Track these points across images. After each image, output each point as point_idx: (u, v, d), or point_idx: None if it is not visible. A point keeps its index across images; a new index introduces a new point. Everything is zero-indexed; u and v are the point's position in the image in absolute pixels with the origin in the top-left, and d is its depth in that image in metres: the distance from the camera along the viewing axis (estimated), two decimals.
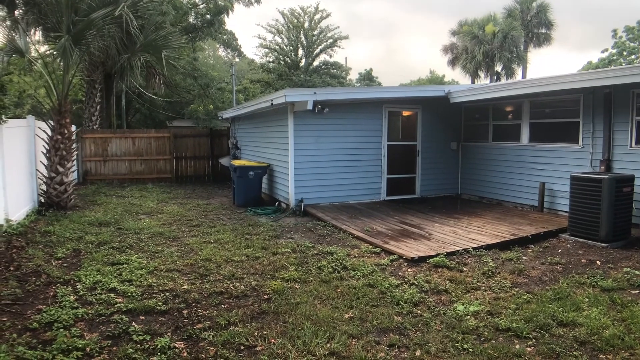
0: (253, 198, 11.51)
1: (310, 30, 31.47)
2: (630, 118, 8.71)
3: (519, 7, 37.56)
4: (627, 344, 4.20)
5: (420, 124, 12.14)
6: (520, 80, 25.60)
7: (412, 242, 7.61)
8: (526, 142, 10.80)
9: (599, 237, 7.69)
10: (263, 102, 11.38)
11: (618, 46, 36.94)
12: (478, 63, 35.19)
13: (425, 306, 5.13)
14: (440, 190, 12.52)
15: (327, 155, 10.91)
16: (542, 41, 37.96)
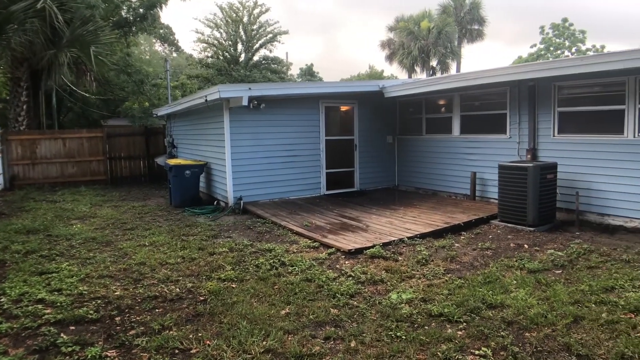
0: (190, 198, 11.27)
1: (249, 24, 31.10)
2: (553, 109, 9.20)
3: (453, 4, 38.75)
4: (550, 321, 4.44)
5: (357, 119, 12.31)
6: (450, 74, 26.42)
7: (350, 234, 7.70)
8: (457, 134, 11.20)
9: (526, 222, 8.09)
10: (197, 99, 11.13)
11: (545, 42, 38.95)
12: (414, 58, 36.03)
13: (361, 297, 5.20)
14: (379, 183, 12.77)
15: (265, 151, 10.84)
16: (475, 37, 39.38)
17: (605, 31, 67.27)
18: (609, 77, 8.25)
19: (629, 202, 8.15)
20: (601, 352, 3.87)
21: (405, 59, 36.71)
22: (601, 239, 7.50)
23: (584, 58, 8.32)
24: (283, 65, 33.10)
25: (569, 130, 9.05)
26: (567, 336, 4.14)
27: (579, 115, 9.03)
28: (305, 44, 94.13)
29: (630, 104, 8.11)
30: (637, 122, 8.05)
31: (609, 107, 8.46)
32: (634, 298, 4.90)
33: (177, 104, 14.03)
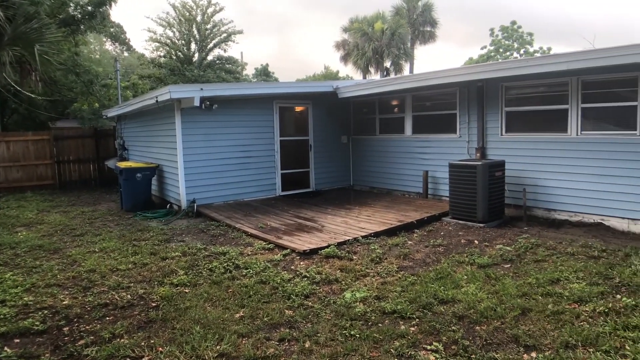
0: (142, 201, 10.98)
1: (203, 24, 30.57)
2: (500, 109, 9.49)
3: (406, 6, 39.37)
4: (499, 314, 4.57)
5: (311, 119, 12.33)
6: (402, 76, 26.87)
7: (305, 235, 7.70)
8: (410, 134, 11.40)
9: (476, 219, 8.31)
10: (148, 99, 10.86)
11: (495, 44, 40.20)
12: (368, 59, 36.41)
13: (316, 297, 5.21)
14: (334, 183, 12.83)
15: (218, 152, 10.69)
16: (428, 38, 40.15)
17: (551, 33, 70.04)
18: (553, 77, 8.59)
19: (573, 197, 8.50)
20: (547, 342, 4.01)
21: (359, 60, 37.04)
22: (548, 233, 7.79)
23: (529, 59, 8.62)
24: (238, 65, 32.76)
25: (516, 129, 9.37)
26: (515, 328, 4.28)
27: (525, 115, 9.35)
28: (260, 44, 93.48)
29: (573, 104, 8.46)
30: (580, 120, 8.42)
31: (554, 106, 8.80)
32: (577, 289, 5.11)
33: (128, 105, 13.66)
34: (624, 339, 4.01)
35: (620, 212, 7.98)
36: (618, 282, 5.34)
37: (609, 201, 8.07)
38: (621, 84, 7.98)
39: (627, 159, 7.85)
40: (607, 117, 8.30)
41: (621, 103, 8.01)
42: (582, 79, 8.33)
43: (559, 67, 7.85)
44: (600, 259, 6.21)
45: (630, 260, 6.09)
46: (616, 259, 6.20)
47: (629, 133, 7.87)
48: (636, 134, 7.78)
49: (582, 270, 5.73)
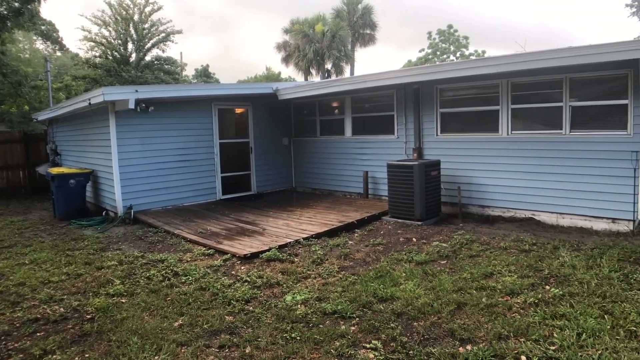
0: (76, 209, 10.51)
1: (140, 23, 29.57)
2: (436, 110, 9.79)
3: (346, 9, 39.81)
4: (436, 309, 4.70)
5: (252, 121, 12.24)
6: (340, 78, 27.27)
7: (246, 239, 7.63)
8: (350, 135, 11.55)
9: (414, 217, 8.53)
10: (80, 102, 10.41)
11: (432, 47, 41.34)
12: (309, 61, 36.57)
13: (257, 302, 5.17)
14: (276, 185, 12.79)
15: (156, 156, 10.40)
16: (368, 41, 40.77)
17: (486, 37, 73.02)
18: (485, 80, 8.95)
19: (506, 194, 8.88)
20: (481, 335, 4.16)
21: (300, 62, 37.15)
22: (482, 229, 8.10)
23: (461, 63, 8.95)
24: (177, 66, 32.02)
25: (451, 130, 9.69)
26: (451, 322, 4.41)
27: (459, 116, 9.68)
28: (200, 44, 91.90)
29: (504, 105, 8.85)
30: (510, 121, 8.81)
31: (486, 107, 9.17)
32: (509, 282, 5.34)
33: (59, 108, 13.04)
34: (552, 327, 4.22)
35: (549, 207, 8.41)
36: (547, 274, 5.62)
37: (539, 197, 8.49)
38: (548, 85, 8.42)
39: (554, 156, 8.29)
40: (536, 118, 8.73)
41: (549, 104, 8.45)
42: (511, 81, 8.72)
43: (489, 70, 8.20)
44: (530, 252, 6.52)
45: (559, 253, 6.43)
46: (545, 252, 6.53)
47: (556, 132, 8.31)
48: (562, 133, 8.22)
49: (513, 264, 6.00)
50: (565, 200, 8.20)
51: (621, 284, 5.21)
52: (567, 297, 4.88)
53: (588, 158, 7.95)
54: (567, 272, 5.60)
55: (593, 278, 5.37)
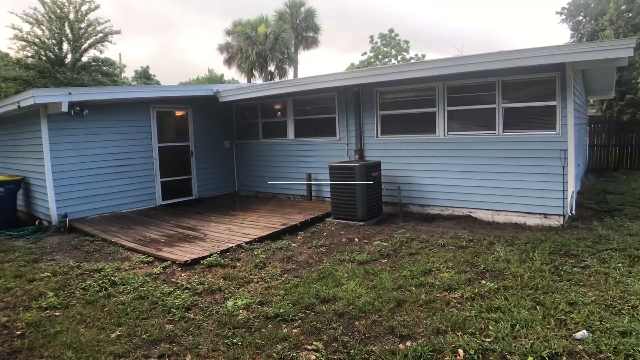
0: (6, 219, 9.92)
1: (76, 22, 28.24)
2: (376, 113, 9.98)
3: (289, 11, 39.81)
4: (377, 308, 4.78)
5: (192, 124, 12.00)
6: (282, 80, 27.29)
7: (186, 245, 7.47)
8: (292, 137, 11.57)
9: (357, 217, 8.64)
10: (9, 105, 9.82)
11: (374, 50, 41.98)
12: (252, 63, 36.33)
13: (198, 308, 5.07)
14: (218, 189, 12.60)
15: (92, 162, 9.99)
16: (311, 44, 40.96)
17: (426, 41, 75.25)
18: (423, 83, 9.21)
19: (444, 193, 9.15)
20: (420, 330, 4.27)
21: (243, 64, 36.84)
22: (422, 227, 8.31)
23: (399, 66, 9.17)
24: (116, 68, 30.94)
25: (391, 132, 9.89)
26: (391, 320, 4.49)
27: (398, 118, 9.90)
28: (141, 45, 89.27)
29: (440, 107, 9.12)
30: (446, 122, 9.10)
31: (423, 109, 9.42)
32: (447, 278, 5.50)
33: None
34: (487, 320, 4.39)
35: (485, 204, 8.74)
36: (483, 269, 5.84)
37: (475, 195, 8.81)
38: (482, 88, 8.77)
39: (489, 156, 8.63)
40: (471, 119, 9.06)
41: (483, 106, 8.80)
42: (447, 84, 9.01)
43: (426, 73, 8.46)
44: (467, 249, 6.75)
45: (494, 248, 6.69)
46: (481, 248, 6.77)
47: (490, 133, 8.65)
48: (496, 134, 8.57)
49: (451, 260, 6.19)
50: (500, 197, 8.54)
51: (552, 275, 5.48)
52: (502, 291, 5.08)
53: (520, 157, 8.32)
54: (502, 267, 5.84)
55: (526, 271, 5.63)
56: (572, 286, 5.13)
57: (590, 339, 3.96)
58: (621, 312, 4.44)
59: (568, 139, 7.94)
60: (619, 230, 7.44)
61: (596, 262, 5.88)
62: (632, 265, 5.77)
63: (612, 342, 3.85)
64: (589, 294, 4.90)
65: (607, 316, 4.36)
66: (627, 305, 4.56)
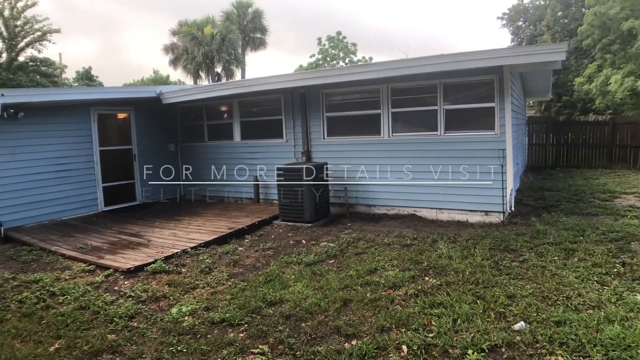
0: None
1: (11, 19, 26.82)
2: (322, 114, 10.05)
3: (236, 12, 39.31)
4: (323, 308, 4.83)
5: (135, 127, 11.65)
6: (227, 82, 27.05)
7: (130, 252, 7.26)
8: (239, 139, 11.46)
9: (304, 219, 8.67)
10: None
11: (322, 53, 42.16)
12: (198, 64, 35.67)
13: (142, 317, 4.95)
14: (164, 194, 12.25)
15: (29, 167, 9.50)
16: (258, 45, 40.63)
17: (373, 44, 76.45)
18: (368, 85, 9.36)
19: (390, 193, 9.33)
20: (366, 329, 4.34)
21: (189, 64, 36.09)
22: (368, 227, 8.44)
23: (344, 68, 9.27)
24: (55, 68, 29.65)
25: (337, 133, 9.99)
26: (337, 320, 4.55)
27: (345, 119, 10.01)
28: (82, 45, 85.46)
29: (385, 109, 9.30)
30: (391, 124, 9.28)
31: (369, 111, 9.57)
32: (392, 276, 5.62)
33: None
34: (430, 316, 4.52)
35: (429, 203, 8.98)
36: (426, 266, 6.00)
37: (420, 194, 9.03)
38: (424, 90, 9.02)
39: (432, 156, 8.87)
40: (414, 120, 9.29)
41: (425, 107, 9.05)
42: (391, 86, 9.19)
43: (370, 76, 8.61)
44: (412, 247, 6.92)
45: (437, 245, 6.89)
46: (425, 245, 6.96)
47: (433, 133, 8.90)
48: (438, 134, 8.82)
49: (396, 259, 6.32)
50: (443, 196, 8.80)
51: (492, 270, 5.71)
52: (444, 286, 5.24)
53: (461, 157, 8.60)
54: (445, 263, 6.02)
55: (467, 267, 5.83)
56: (511, 280, 5.36)
57: (528, 329, 4.15)
58: (556, 302, 4.68)
59: (506, 139, 8.28)
60: (556, 225, 7.82)
61: (534, 256, 6.17)
62: (567, 258, 6.09)
63: (548, 332, 4.06)
64: (527, 286, 5.14)
65: (544, 307, 4.59)
66: (562, 296, 4.81)
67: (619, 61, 20.62)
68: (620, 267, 5.66)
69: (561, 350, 3.77)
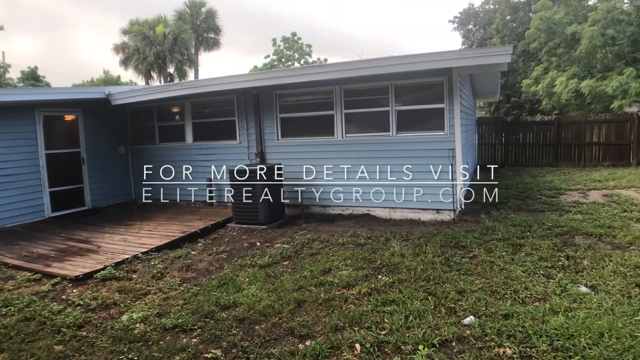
0: None
1: None
2: (276, 115, 10.02)
3: (189, 11, 38.69)
4: (277, 310, 4.82)
5: (83, 129, 11.23)
6: (178, 82, 26.59)
7: (78, 259, 7.03)
8: (191, 141, 11.27)
9: (259, 221, 8.63)
10: None
11: (277, 53, 42.01)
12: (150, 64, 34.88)
13: (91, 326, 4.80)
14: (114, 198, 11.89)
15: None
16: (212, 45, 40.12)
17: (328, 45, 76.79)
18: (321, 86, 9.42)
19: (344, 193, 9.40)
20: (319, 329, 4.37)
21: (140, 65, 35.23)
22: (323, 227, 8.48)
23: (296, 69, 9.29)
24: None
25: (291, 134, 9.99)
26: (291, 321, 4.56)
27: (298, 121, 10.02)
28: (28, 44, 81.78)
29: (338, 110, 9.37)
30: (344, 125, 9.37)
31: (322, 112, 9.63)
32: (345, 275, 5.68)
33: None
34: (383, 313, 4.59)
35: (383, 202, 9.11)
36: (379, 264, 6.10)
37: (373, 194, 9.14)
38: (376, 91, 9.15)
39: (384, 156, 9.01)
40: (367, 121, 9.40)
41: (377, 108, 9.18)
42: (344, 87, 9.28)
43: (322, 77, 8.67)
44: (365, 246, 7.00)
45: (390, 244, 7.00)
46: (379, 244, 7.06)
47: (385, 134, 9.04)
48: (390, 135, 8.97)
49: (350, 258, 6.39)
50: (396, 195, 8.95)
51: (443, 267, 5.85)
52: (397, 284, 5.34)
53: (413, 157, 8.78)
54: (397, 261, 6.13)
55: (419, 264, 5.96)
56: (461, 275, 5.52)
57: (477, 323, 4.29)
58: (504, 296, 4.86)
59: (456, 139, 8.50)
60: (504, 221, 8.09)
61: (483, 252, 6.37)
62: (514, 253, 6.32)
63: (496, 325, 4.20)
64: (476, 281, 5.30)
65: (492, 301, 4.75)
66: (510, 290, 4.99)
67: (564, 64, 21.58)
68: (564, 260, 5.92)
69: (509, 342, 3.91)
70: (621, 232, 7.09)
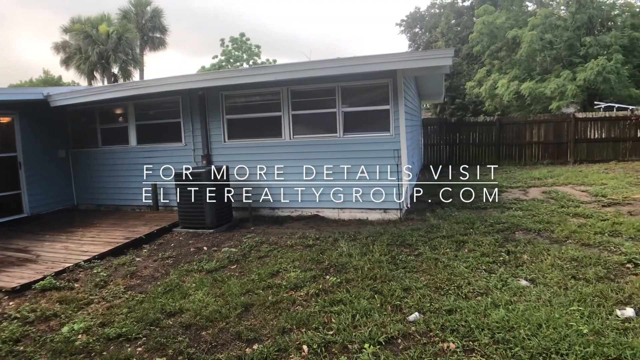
0: None
1: None
2: (222, 117, 9.91)
3: (134, 10, 37.60)
4: (224, 315, 4.79)
5: (19, 132, 10.68)
6: (121, 83, 25.91)
7: (15, 269, 6.71)
8: (135, 144, 10.96)
9: (206, 225, 8.52)
10: None
11: (226, 54, 41.51)
12: (93, 64, 33.68)
13: (29, 339, 4.60)
14: (55, 204, 11.38)
15: None
16: (158, 45, 39.15)
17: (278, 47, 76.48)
18: (268, 87, 9.39)
19: (293, 195, 9.43)
20: (267, 332, 4.37)
21: (83, 65, 33.94)
22: (272, 230, 8.47)
23: (242, 70, 9.23)
24: None
25: (238, 136, 9.90)
26: (238, 325, 4.54)
27: (245, 122, 9.95)
28: None
29: (285, 111, 9.38)
30: (292, 126, 9.38)
31: (270, 114, 9.61)
32: (294, 277, 5.71)
33: None
34: (330, 314, 4.64)
35: (331, 203, 9.19)
36: (327, 265, 6.16)
37: (322, 195, 9.22)
38: (324, 93, 9.22)
39: (332, 157, 9.10)
40: (315, 123, 9.45)
41: (324, 110, 9.25)
42: (291, 89, 9.30)
43: (268, 78, 8.65)
44: (314, 247, 7.06)
45: (338, 244, 7.08)
46: (327, 245, 7.13)
47: (332, 135, 9.13)
48: (337, 136, 9.06)
49: (298, 260, 6.42)
50: (344, 196, 9.06)
51: (389, 265, 5.98)
52: (344, 284, 5.42)
53: (360, 157, 8.91)
54: (345, 261, 6.21)
55: (366, 263, 6.06)
56: (407, 273, 5.65)
57: (422, 319, 4.41)
58: (448, 292, 5.02)
59: (401, 140, 8.70)
60: (448, 219, 8.35)
61: (428, 250, 6.55)
62: (458, 249, 6.53)
63: (440, 321, 4.34)
64: (422, 278, 5.45)
65: (437, 297, 4.89)
66: (453, 286, 5.16)
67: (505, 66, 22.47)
68: (505, 255, 6.17)
69: (452, 337, 4.04)
70: (559, 227, 7.45)
